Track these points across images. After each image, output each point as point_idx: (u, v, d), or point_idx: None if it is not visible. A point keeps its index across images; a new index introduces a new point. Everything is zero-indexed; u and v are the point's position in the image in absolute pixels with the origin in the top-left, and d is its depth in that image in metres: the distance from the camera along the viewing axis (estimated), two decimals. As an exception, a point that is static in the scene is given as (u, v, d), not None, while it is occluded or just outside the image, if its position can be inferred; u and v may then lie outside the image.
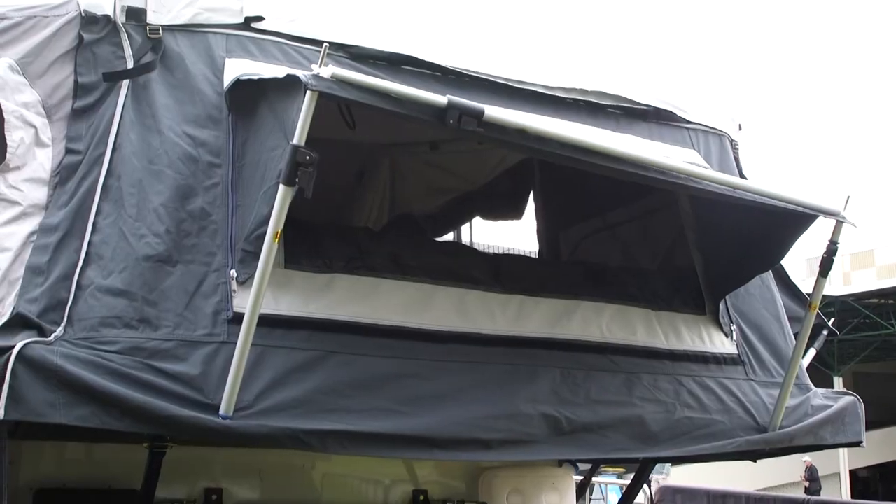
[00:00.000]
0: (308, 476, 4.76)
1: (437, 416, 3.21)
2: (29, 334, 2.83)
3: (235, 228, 3.17)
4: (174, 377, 2.86)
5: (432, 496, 4.95)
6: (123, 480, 4.08)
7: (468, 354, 3.44)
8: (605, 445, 3.61)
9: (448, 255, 3.91)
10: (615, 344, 3.86)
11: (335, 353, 3.15)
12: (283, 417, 2.93)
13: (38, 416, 2.73)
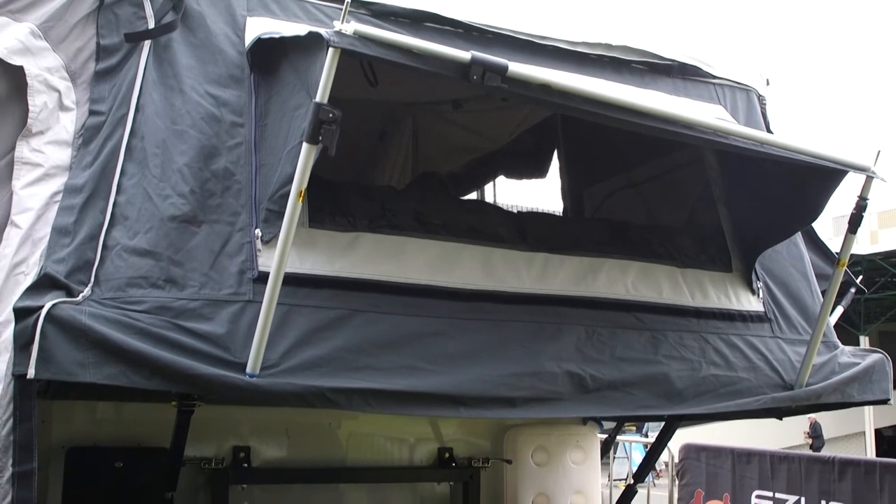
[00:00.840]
0: (334, 435, 4.81)
1: (463, 374, 3.21)
2: (57, 294, 2.85)
3: (259, 188, 3.17)
4: (201, 336, 2.88)
5: (457, 454, 4.99)
6: (153, 439, 4.14)
7: (493, 312, 3.43)
8: (630, 403, 3.61)
9: (473, 213, 3.89)
10: (640, 301, 3.84)
11: (360, 312, 3.16)
12: (309, 376, 2.94)
13: (68, 376, 2.75)
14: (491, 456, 5.04)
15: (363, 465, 4.81)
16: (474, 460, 4.98)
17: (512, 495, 4.95)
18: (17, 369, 2.79)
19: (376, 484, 4.86)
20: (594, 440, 5.27)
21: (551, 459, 5.03)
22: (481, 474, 4.99)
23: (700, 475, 8.43)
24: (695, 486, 8.45)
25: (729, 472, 8.22)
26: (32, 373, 2.72)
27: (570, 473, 5.06)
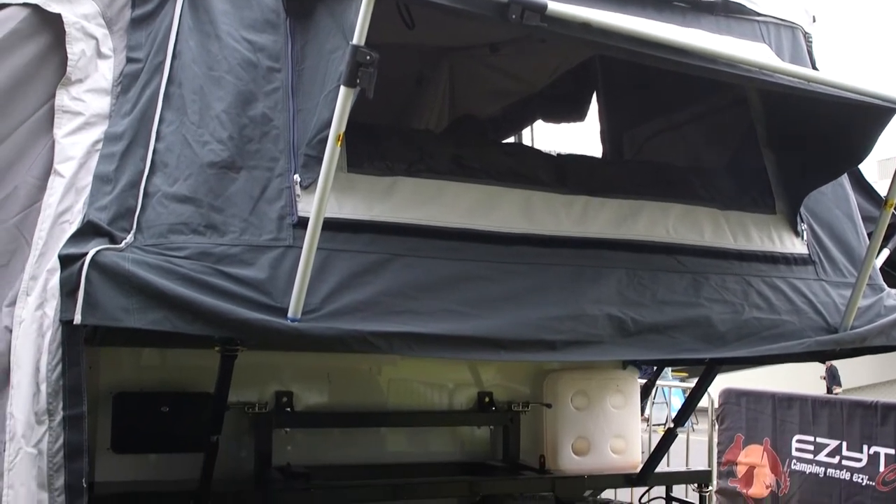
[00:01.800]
0: (375, 380, 4.86)
1: (503, 318, 3.21)
2: (100, 242, 2.88)
3: (297, 133, 3.16)
4: (242, 281, 2.90)
5: (497, 399, 5.02)
6: (197, 384, 4.21)
7: (533, 256, 3.41)
8: (671, 346, 3.59)
9: (512, 156, 3.85)
10: (682, 244, 3.79)
11: (400, 256, 3.15)
12: (350, 320, 2.95)
13: (113, 321, 2.79)
14: (531, 400, 5.07)
15: (404, 409, 4.86)
16: (514, 404, 5.01)
17: (551, 439, 4.98)
18: (64, 315, 2.85)
19: (417, 428, 4.92)
20: (634, 384, 5.27)
21: (591, 403, 5.03)
22: (521, 418, 5.03)
23: (740, 420, 8.41)
24: (734, 430, 8.44)
25: (769, 416, 8.19)
26: (79, 318, 2.76)
27: (610, 417, 5.06)
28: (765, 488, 8.09)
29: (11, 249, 3.18)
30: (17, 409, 2.85)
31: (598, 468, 4.95)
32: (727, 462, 8.42)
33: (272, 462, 4.37)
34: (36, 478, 2.80)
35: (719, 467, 8.43)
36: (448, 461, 4.93)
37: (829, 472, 7.49)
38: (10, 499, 2.77)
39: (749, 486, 8.21)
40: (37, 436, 2.84)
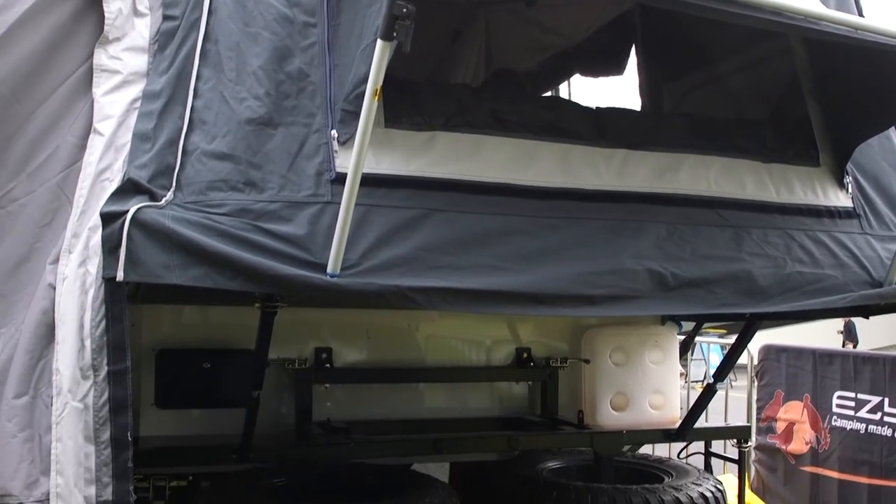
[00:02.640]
0: (413, 336, 4.88)
1: (542, 273, 3.19)
2: (141, 199, 2.90)
3: (334, 88, 3.14)
4: (281, 237, 2.90)
5: (535, 354, 5.03)
6: (238, 341, 4.26)
7: (572, 210, 3.38)
8: (711, 300, 3.55)
9: (550, 109, 3.79)
10: (723, 198, 3.74)
11: (438, 211, 3.14)
12: (389, 275, 2.95)
13: (155, 278, 2.82)
14: (569, 356, 5.06)
15: (442, 365, 4.88)
16: (552, 360, 5.01)
17: (590, 394, 4.98)
18: (106, 272, 2.88)
19: (455, 383, 4.94)
20: (673, 340, 5.24)
21: (630, 359, 5.02)
22: (559, 374, 5.03)
23: (780, 376, 8.35)
24: (774, 386, 8.38)
25: (810, 372, 8.12)
26: (121, 275, 2.79)
27: (649, 373, 5.05)
28: (804, 444, 8.05)
29: (54, 208, 3.22)
30: (63, 365, 2.90)
31: (636, 424, 4.94)
32: (766, 418, 8.38)
33: (312, 417, 4.42)
34: (82, 431, 2.85)
35: (758, 423, 8.39)
36: (486, 416, 4.96)
37: (870, 429, 7.42)
38: (59, 451, 2.82)
39: (788, 443, 8.17)
40: (82, 390, 2.89)
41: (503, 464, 4.82)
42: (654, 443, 6.08)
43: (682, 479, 4.55)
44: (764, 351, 8.50)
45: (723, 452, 5.73)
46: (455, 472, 5.30)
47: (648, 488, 4.31)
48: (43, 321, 2.99)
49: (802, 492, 8.01)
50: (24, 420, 2.89)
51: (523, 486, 4.40)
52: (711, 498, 4.36)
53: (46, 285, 3.04)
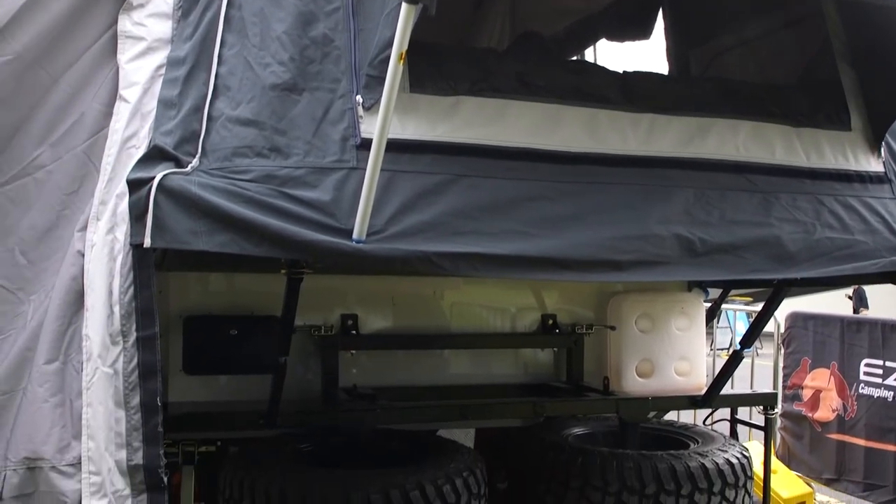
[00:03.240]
0: (438, 304, 4.88)
1: (568, 238, 3.17)
2: (167, 166, 2.90)
3: (359, 53, 3.12)
4: (307, 203, 2.90)
5: (561, 321, 5.02)
6: (265, 308, 4.29)
7: (598, 175, 3.35)
8: (739, 266, 3.52)
9: (576, 73, 3.75)
10: (752, 163, 3.69)
11: (463, 177, 3.12)
12: (415, 240, 2.94)
13: (182, 244, 2.83)
14: (595, 323, 5.05)
15: (467, 332, 4.89)
16: (578, 327, 5.00)
17: (615, 361, 4.97)
18: (134, 239, 2.89)
19: (480, 350, 4.95)
20: (699, 307, 5.21)
21: (656, 326, 5.00)
22: (585, 340, 5.02)
23: (807, 343, 8.31)
24: (801, 354, 8.35)
25: (837, 340, 8.07)
26: (149, 241, 2.81)
27: (675, 340, 5.03)
28: (831, 412, 8.02)
29: (81, 175, 3.24)
30: (93, 331, 2.93)
31: (661, 390, 4.93)
32: (793, 386, 8.36)
33: (339, 384, 4.45)
34: (112, 396, 2.88)
35: (784, 391, 8.37)
36: (512, 383, 4.97)
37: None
38: (89, 416, 2.86)
39: (815, 410, 8.15)
40: (112, 356, 2.92)
41: (528, 430, 4.84)
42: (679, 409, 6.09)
43: (708, 445, 4.55)
44: (791, 318, 8.46)
45: (748, 420, 5.71)
46: (480, 439, 5.33)
47: (674, 454, 4.31)
48: (72, 288, 3.02)
49: (828, 459, 8.00)
50: (56, 385, 2.92)
51: (548, 452, 4.41)
52: (737, 464, 4.35)
53: (75, 252, 3.07)
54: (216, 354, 4.27)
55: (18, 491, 2.81)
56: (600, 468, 4.21)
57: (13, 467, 2.83)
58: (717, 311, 6.14)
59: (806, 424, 8.23)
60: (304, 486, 3.60)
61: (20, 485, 2.81)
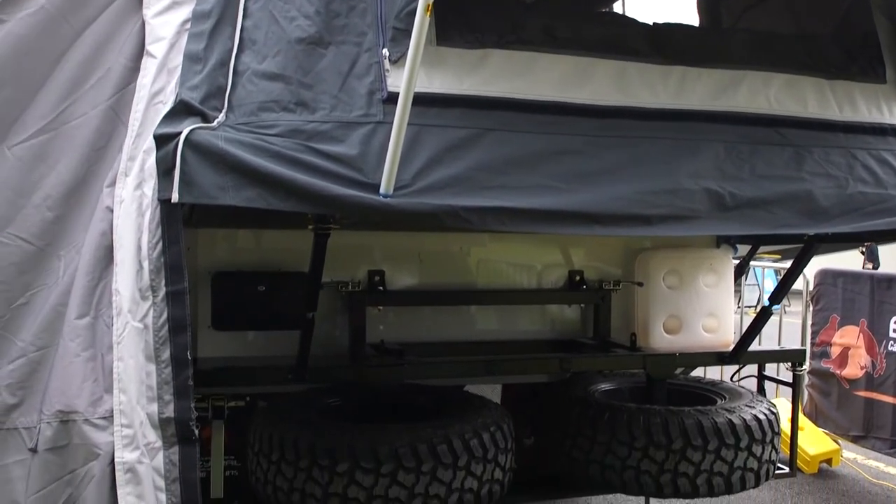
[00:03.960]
0: (465, 260, 4.88)
1: (597, 192, 3.14)
2: (193, 121, 2.90)
3: (385, 6, 3.08)
4: (334, 158, 2.88)
5: (588, 277, 5.01)
6: (292, 264, 4.31)
7: (628, 129, 3.31)
8: (770, 221, 3.47)
9: (606, 25, 3.69)
10: (784, 116, 3.62)
11: (491, 131, 3.09)
12: (442, 195, 2.93)
13: (209, 199, 2.83)
14: (622, 279, 5.03)
15: (494, 288, 4.89)
16: (605, 283, 4.99)
17: (643, 317, 4.95)
18: (161, 194, 2.90)
19: (507, 306, 4.95)
20: (728, 263, 5.17)
21: (683, 282, 4.97)
22: (612, 297, 5.01)
23: (836, 301, 8.24)
24: (830, 311, 8.28)
25: (867, 297, 8.00)
26: (176, 197, 2.81)
27: (703, 296, 5.00)
28: (859, 369, 7.97)
29: (109, 131, 3.24)
30: (122, 286, 2.95)
31: (689, 346, 4.92)
32: (821, 343, 8.31)
33: (366, 339, 4.47)
34: (143, 350, 2.91)
35: (813, 348, 8.33)
36: (539, 339, 4.97)
37: (928, 354, 7.34)
38: (121, 370, 2.89)
39: (843, 367, 8.10)
40: (142, 311, 2.94)
41: (555, 386, 4.84)
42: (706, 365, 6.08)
43: (736, 401, 4.53)
44: (820, 275, 8.38)
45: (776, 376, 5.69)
46: (507, 395, 5.35)
47: (701, 410, 4.30)
48: (101, 244, 3.04)
49: (856, 416, 7.98)
50: (87, 340, 2.95)
51: (575, 407, 4.42)
52: (765, 420, 4.33)
53: (104, 208, 3.08)
54: (244, 310, 4.30)
55: (52, 443, 2.85)
56: (627, 423, 4.21)
57: (47, 420, 2.87)
58: (746, 267, 6.09)
59: (834, 381, 8.19)
60: (333, 440, 3.63)
61: (54, 437, 2.85)
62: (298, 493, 3.68)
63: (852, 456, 8.11)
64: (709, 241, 5.27)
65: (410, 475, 3.61)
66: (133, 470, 2.82)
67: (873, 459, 8.08)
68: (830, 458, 7.77)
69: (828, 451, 7.76)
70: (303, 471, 3.66)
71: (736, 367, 5.30)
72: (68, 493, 2.82)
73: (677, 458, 4.14)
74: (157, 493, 2.84)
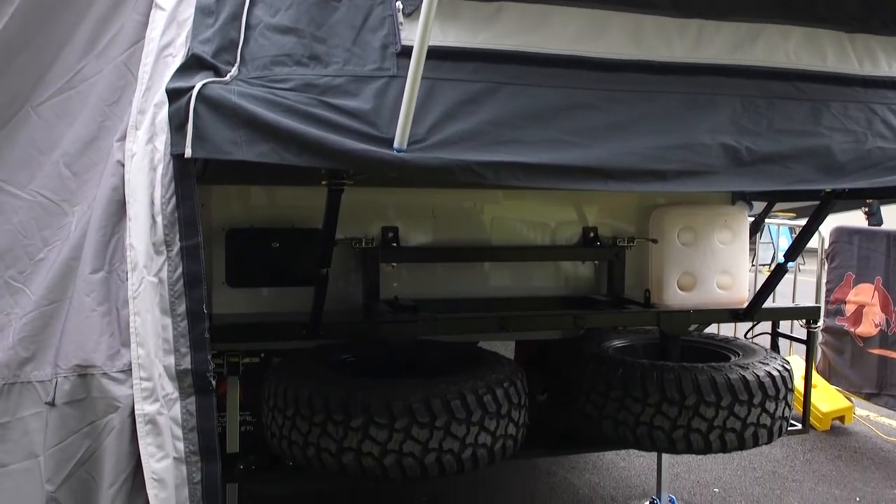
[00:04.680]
0: (479, 217, 4.87)
1: (611, 147, 3.11)
2: (206, 75, 2.88)
3: None
4: (347, 112, 2.86)
5: (602, 234, 4.99)
6: (306, 221, 4.30)
7: (643, 83, 3.27)
8: (787, 176, 3.44)
9: (622, -23, 3.64)
10: (802, 70, 3.57)
11: (505, 85, 3.06)
12: (456, 149, 2.90)
13: (223, 154, 2.81)
14: (636, 236, 5.02)
15: (508, 244, 4.88)
16: (619, 240, 4.97)
17: (657, 274, 4.94)
18: (174, 149, 2.90)
19: (521, 263, 4.94)
20: (743, 220, 5.14)
21: (698, 239, 4.95)
22: (626, 254, 4.99)
23: (851, 258, 8.20)
24: (845, 269, 8.25)
25: (882, 255, 7.96)
26: (189, 152, 2.80)
27: (718, 253, 4.98)
28: (874, 327, 7.96)
29: (121, 86, 3.24)
30: (137, 241, 2.96)
31: (703, 303, 4.91)
32: (835, 301, 8.29)
33: (380, 296, 4.48)
34: (159, 304, 2.92)
35: (827, 306, 8.31)
36: (552, 296, 4.97)
37: (943, 312, 7.31)
38: (138, 325, 2.91)
39: (857, 325, 8.09)
40: (157, 265, 2.95)
41: (568, 342, 4.85)
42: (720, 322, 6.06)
43: (749, 357, 4.53)
44: (836, 233, 8.34)
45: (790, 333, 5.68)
46: (520, 351, 5.37)
47: (714, 366, 4.30)
48: (113, 198, 3.04)
49: (869, 374, 7.98)
50: (102, 294, 2.97)
51: (588, 364, 4.43)
52: (778, 377, 4.33)
53: (115, 163, 3.09)
54: (258, 267, 4.31)
55: (70, 397, 2.88)
56: (640, 380, 4.22)
57: (64, 374, 2.89)
58: (761, 225, 6.05)
59: (848, 339, 8.18)
60: (347, 395, 3.66)
61: (72, 391, 2.88)
62: (313, 447, 3.72)
63: (865, 413, 8.13)
64: (724, 198, 5.24)
65: (424, 430, 3.63)
66: (154, 421, 2.86)
67: (886, 417, 8.10)
68: (843, 415, 7.79)
69: (840, 409, 7.78)
70: (317, 426, 3.70)
71: (750, 324, 5.29)
72: (87, 444, 2.85)
73: (690, 414, 4.15)
74: (175, 442, 2.88)
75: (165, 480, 2.85)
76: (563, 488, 6.20)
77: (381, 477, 3.67)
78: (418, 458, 3.64)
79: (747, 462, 6.82)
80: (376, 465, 3.64)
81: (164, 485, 2.84)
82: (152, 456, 2.84)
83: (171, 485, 2.86)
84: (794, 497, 6.17)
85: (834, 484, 6.46)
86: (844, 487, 6.39)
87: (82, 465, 2.85)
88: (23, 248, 3.07)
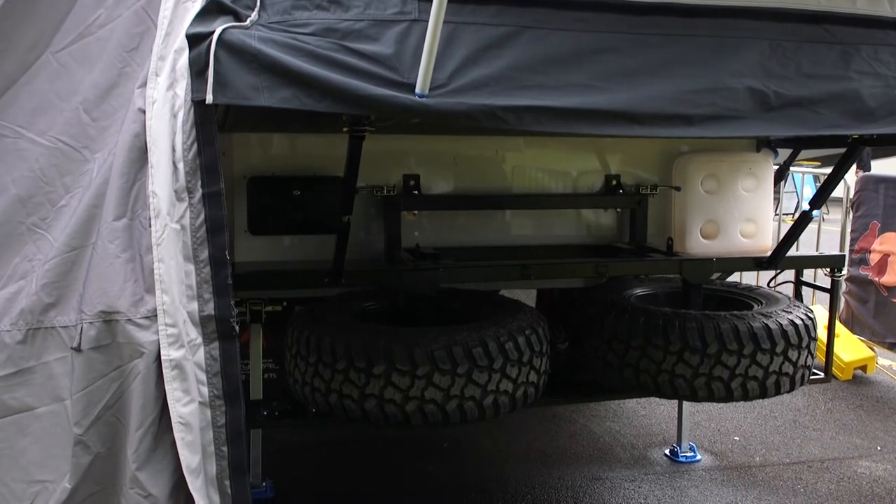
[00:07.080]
0: (500, 165, 4.84)
1: (637, 91, 3.06)
2: (226, 20, 2.84)
3: None
4: (369, 57, 2.83)
5: (625, 182, 4.95)
6: (327, 169, 4.29)
7: (669, 26, 3.20)
8: (815, 121, 3.38)
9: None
10: (832, 12, 3.48)
11: (528, 28, 3.00)
12: (479, 94, 2.87)
13: (244, 100, 2.79)
14: (659, 183, 4.97)
15: (530, 192, 4.85)
16: (642, 187, 4.93)
17: (680, 222, 4.90)
18: (195, 95, 2.87)
19: (543, 211, 4.91)
20: (768, 168, 5.07)
21: (722, 187, 4.90)
22: (649, 201, 4.95)
23: (877, 207, 8.11)
24: (870, 218, 8.16)
25: (909, 204, 7.88)
26: (210, 98, 2.78)
27: (741, 201, 4.93)
28: (898, 276, 7.90)
29: (140, 32, 3.21)
30: (159, 187, 2.95)
31: (726, 252, 4.87)
32: (860, 250, 8.21)
33: (401, 244, 4.48)
34: (181, 251, 2.93)
35: (851, 255, 8.24)
36: (574, 244, 4.95)
37: (970, 261, 7.23)
38: (162, 271, 2.91)
39: (882, 274, 8.02)
40: (179, 212, 2.95)
41: (590, 291, 4.84)
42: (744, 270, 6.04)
43: (772, 306, 4.50)
44: (862, 181, 8.24)
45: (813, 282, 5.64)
46: (542, 300, 5.37)
47: (737, 315, 4.28)
48: (134, 145, 3.03)
49: (892, 324, 7.94)
50: (125, 241, 2.97)
51: (611, 312, 4.42)
52: (801, 325, 4.30)
53: (136, 109, 3.07)
54: (280, 215, 4.31)
55: (96, 343, 2.90)
56: (662, 328, 4.20)
57: (89, 320, 2.91)
58: (786, 173, 5.98)
59: (871, 289, 8.12)
60: (369, 343, 3.67)
61: (97, 337, 2.90)
62: (336, 394, 3.74)
63: (887, 363, 8.10)
64: (748, 145, 5.18)
65: (446, 377, 3.65)
66: (180, 367, 2.88)
67: (909, 367, 8.07)
68: (865, 364, 7.76)
69: (863, 358, 7.75)
70: (340, 372, 3.72)
71: (773, 272, 5.25)
72: (114, 388, 2.88)
73: (712, 362, 4.13)
74: (199, 386, 2.90)
75: (191, 424, 2.88)
76: (584, 436, 6.23)
77: (403, 423, 3.70)
78: (440, 404, 3.66)
79: (768, 411, 6.83)
80: (398, 412, 3.67)
81: (190, 428, 2.88)
82: (178, 400, 2.87)
83: (196, 428, 2.89)
84: (814, 446, 6.18)
85: (855, 433, 6.46)
86: (865, 436, 6.39)
87: (109, 409, 2.89)
88: (45, 195, 3.08)
